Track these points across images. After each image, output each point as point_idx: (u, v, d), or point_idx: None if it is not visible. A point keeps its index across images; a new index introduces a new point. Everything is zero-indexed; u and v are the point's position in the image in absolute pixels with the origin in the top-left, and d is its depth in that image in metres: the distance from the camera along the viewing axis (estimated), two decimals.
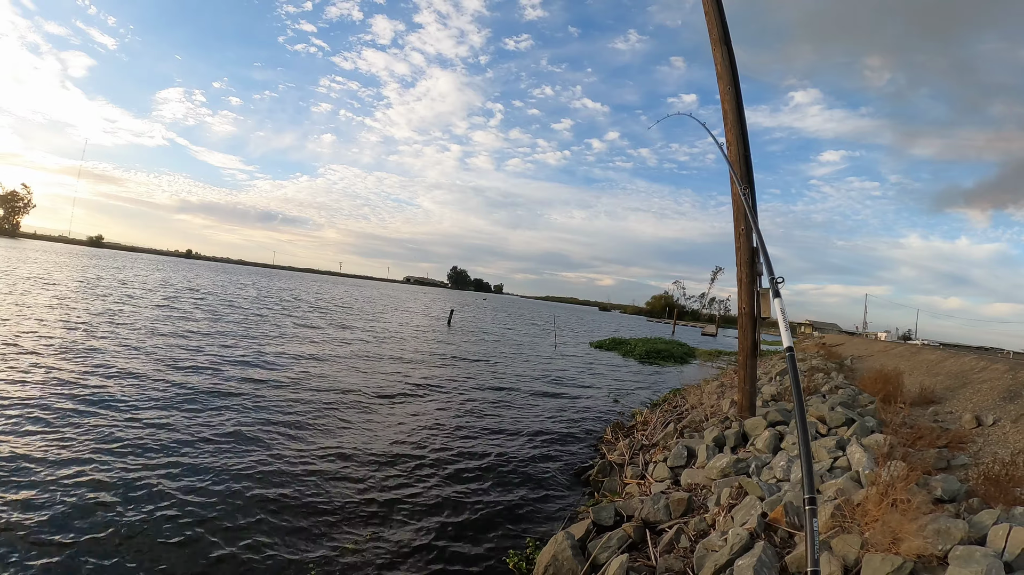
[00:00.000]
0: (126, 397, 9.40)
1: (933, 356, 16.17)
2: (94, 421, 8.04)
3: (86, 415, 8.26)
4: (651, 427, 10.48)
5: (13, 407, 8.18)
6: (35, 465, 6.32)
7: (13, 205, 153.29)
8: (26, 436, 7.14)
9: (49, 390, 9.19)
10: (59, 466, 6.37)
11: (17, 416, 7.84)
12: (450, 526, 6.39)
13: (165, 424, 8.36)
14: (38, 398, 8.71)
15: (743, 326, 8.75)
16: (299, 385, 12.20)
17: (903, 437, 6.30)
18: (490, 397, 13.91)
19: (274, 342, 18.14)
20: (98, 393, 9.39)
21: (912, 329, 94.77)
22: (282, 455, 7.78)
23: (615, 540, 5.09)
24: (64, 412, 8.25)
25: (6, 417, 7.76)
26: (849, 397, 9.60)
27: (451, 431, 10.13)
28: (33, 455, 6.57)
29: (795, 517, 4.48)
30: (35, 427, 7.51)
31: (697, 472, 6.71)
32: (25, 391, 8.99)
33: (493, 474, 8.21)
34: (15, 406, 8.24)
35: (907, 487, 4.08)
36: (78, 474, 6.26)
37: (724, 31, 9.15)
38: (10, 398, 8.57)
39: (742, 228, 8.70)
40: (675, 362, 29.45)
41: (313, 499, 6.54)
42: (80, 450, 6.94)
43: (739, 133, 8.93)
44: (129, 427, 8.01)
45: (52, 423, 7.75)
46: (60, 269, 37.71)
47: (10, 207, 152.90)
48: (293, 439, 8.54)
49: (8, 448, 6.69)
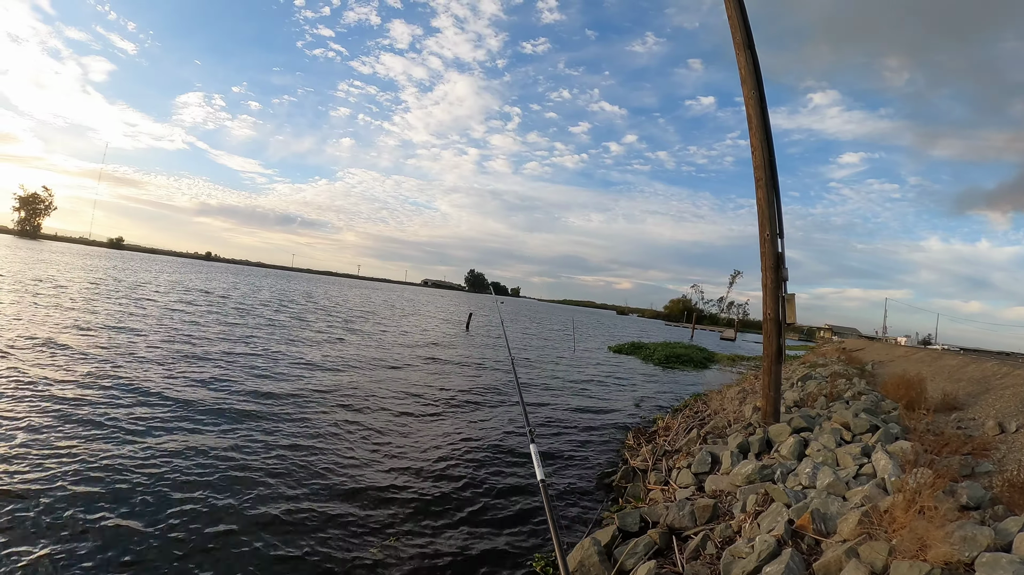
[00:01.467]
0: (142, 402, 9.59)
1: (954, 361, 16.02)
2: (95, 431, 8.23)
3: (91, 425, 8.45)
4: (673, 433, 10.51)
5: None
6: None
7: (34, 207, 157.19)
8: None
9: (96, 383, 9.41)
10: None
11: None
12: (474, 528, 6.49)
13: (184, 431, 8.55)
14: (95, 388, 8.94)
15: (768, 331, 8.77)
16: (323, 391, 12.36)
17: (928, 444, 6.31)
18: (507, 400, 14.01)
19: (296, 348, 18.32)
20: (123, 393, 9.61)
21: (932, 333, 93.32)
22: (322, 461, 7.93)
23: (641, 546, 5.14)
24: (83, 418, 8.44)
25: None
26: (872, 403, 9.59)
27: (473, 436, 10.23)
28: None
29: (822, 524, 4.54)
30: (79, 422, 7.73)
31: (722, 478, 6.75)
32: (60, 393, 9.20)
33: (513, 479, 8.30)
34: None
35: (934, 494, 4.13)
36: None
37: (747, 35, 9.15)
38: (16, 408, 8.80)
39: (767, 233, 8.71)
40: (695, 367, 29.35)
41: (336, 504, 6.67)
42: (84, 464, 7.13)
43: (763, 138, 8.93)
44: (137, 440, 8.11)
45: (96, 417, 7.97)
46: (73, 270, 38.21)
47: (31, 209, 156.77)
48: (325, 446, 8.69)
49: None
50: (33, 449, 6.89)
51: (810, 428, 7.97)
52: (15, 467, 6.29)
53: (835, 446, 6.86)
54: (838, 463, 6.28)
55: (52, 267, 41.62)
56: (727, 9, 9.29)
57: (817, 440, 7.19)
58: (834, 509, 4.76)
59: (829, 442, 7.00)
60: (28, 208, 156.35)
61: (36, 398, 8.92)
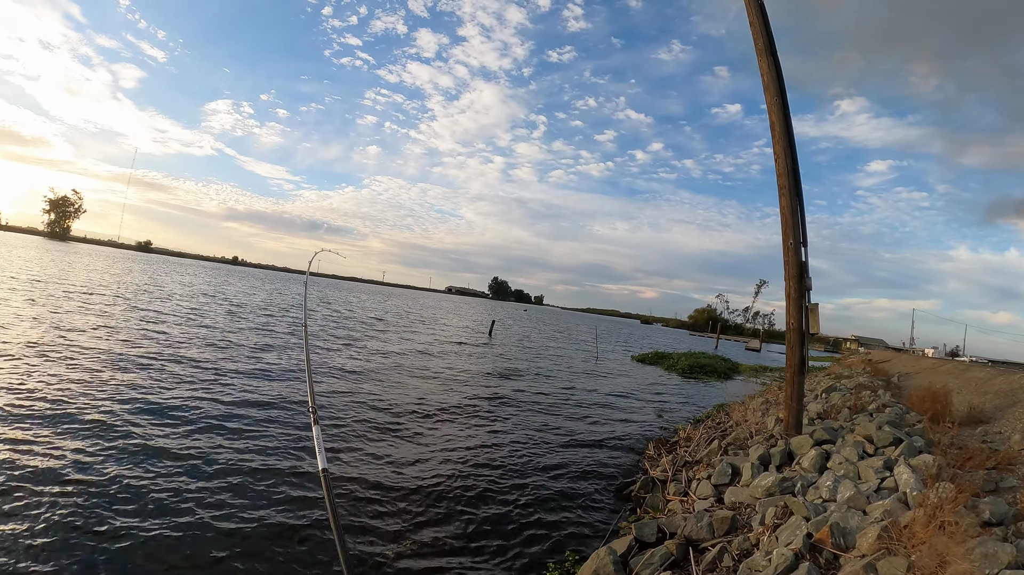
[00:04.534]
0: (169, 397, 9.78)
1: (982, 374, 15.67)
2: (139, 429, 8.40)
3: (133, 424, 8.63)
4: (694, 443, 10.44)
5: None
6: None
7: (64, 210, 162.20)
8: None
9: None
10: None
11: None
12: (490, 536, 6.55)
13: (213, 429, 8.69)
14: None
15: (791, 342, 8.68)
16: (354, 395, 12.47)
17: (952, 458, 6.20)
18: (530, 408, 14.06)
19: (323, 354, 18.51)
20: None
21: (960, 345, 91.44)
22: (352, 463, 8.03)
23: (657, 557, 5.12)
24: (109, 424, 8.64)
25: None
26: (897, 416, 9.43)
27: (491, 442, 10.29)
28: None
29: (841, 538, 4.49)
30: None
31: (741, 490, 6.70)
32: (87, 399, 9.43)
33: (533, 487, 8.33)
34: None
35: (955, 509, 4.06)
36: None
37: (770, 41, 9.11)
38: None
39: (790, 242, 8.64)
40: (718, 377, 29.09)
41: (362, 506, 6.74)
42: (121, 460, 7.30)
43: (787, 145, 8.86)
44: (171, 438, 8.33)
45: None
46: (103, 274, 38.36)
47: (61, 211, 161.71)
48: (352, 448, 8.79)
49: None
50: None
51: (832, 440, 7.87)
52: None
53: (857, 459, 6.76)
54: (860, 476, 6.19)
55: (139, 276, 41.96)
56: (749, 15, 9.26)
57: (839, 453, 7.09)
58: (854, 523, 4.71)
59: (851, 455, 6.91)
60: (58, 211, 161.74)
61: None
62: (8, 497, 5.71)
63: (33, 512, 5.49)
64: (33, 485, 6.02)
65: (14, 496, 5.74)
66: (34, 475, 6.27)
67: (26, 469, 6.37)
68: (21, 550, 4.84)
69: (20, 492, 5.83)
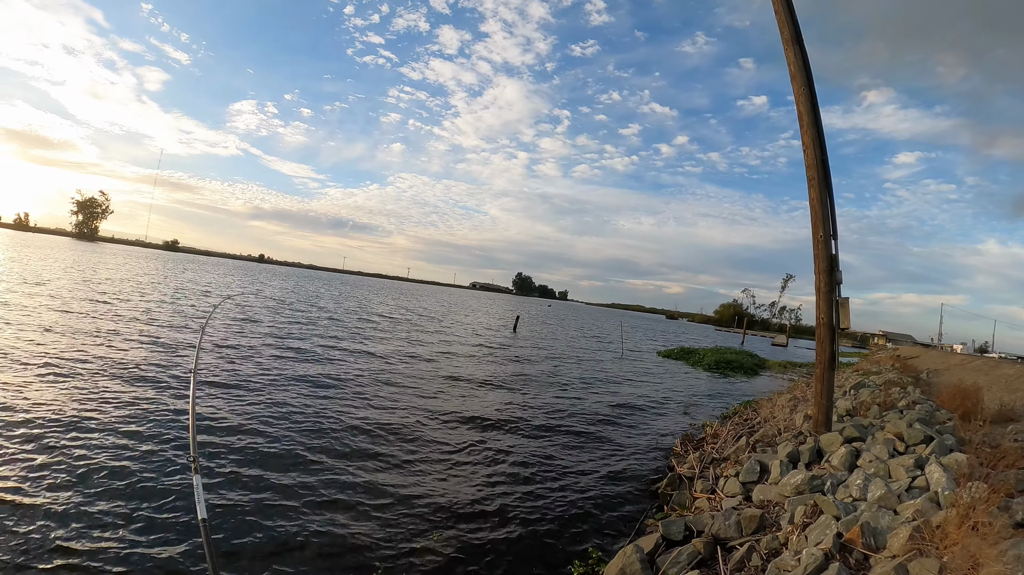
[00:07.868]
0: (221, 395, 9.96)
1: (1012, 371, 15.37)
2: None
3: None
4: (722, 440, 10.39)
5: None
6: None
7: (91, 211, 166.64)
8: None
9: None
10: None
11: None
12: (515, 533, 6.58)
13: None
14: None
15: (821, 337, 8.58)
16: (377, 391, 12.60)
17: (984, 457, 6.11)
18: (556, 404, 14.11)
19: (351, 355, 18.68)
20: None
21: (989, 341, 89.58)
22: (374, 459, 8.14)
23: (685, 556, 5.11)
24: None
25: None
26: (927, 413, 9.29)
27: (517, 438, 10.34)
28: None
29: (872, 538, 4.46)
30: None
31: (770, 488, 6.67)
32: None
33: (560, 483, 8.37)
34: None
35: (988, 509, 4.02)
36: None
37: (796, 30, 8.98)
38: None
39: (820, 234, 8.54)
40: (745, 373, 28.79)
41: (379, 501, 6.84)
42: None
43: (815, 135, 8.73)
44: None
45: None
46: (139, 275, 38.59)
47: (88, 213, 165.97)
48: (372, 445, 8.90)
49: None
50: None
51: (862, 438, 7.79)
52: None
53: (888, 457, 6.69)
54: (890, 475, 6.13)
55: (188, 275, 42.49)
56: (774, 4, 9.10)
57: (869, 451, 7.03)
58: (884, 523, 4.68)
59: (882, 453, 6.84)
60: (85, 212, 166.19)
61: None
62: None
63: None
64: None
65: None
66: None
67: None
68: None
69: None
